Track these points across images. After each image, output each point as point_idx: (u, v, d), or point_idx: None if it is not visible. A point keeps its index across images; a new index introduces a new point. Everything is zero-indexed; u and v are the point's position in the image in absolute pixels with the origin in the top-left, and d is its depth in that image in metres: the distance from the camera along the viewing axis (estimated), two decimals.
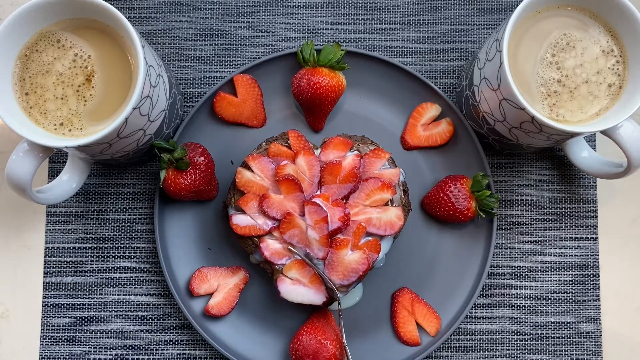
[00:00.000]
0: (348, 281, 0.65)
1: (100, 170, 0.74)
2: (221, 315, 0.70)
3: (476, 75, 0.66)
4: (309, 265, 0.66)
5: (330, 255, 0.65)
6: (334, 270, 0.65)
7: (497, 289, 0.74)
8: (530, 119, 0.59)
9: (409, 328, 0.70)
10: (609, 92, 0.62)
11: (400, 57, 0.76)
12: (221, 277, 0.70)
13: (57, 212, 0.74)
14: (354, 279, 0.65)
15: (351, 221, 0.65)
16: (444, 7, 0.77)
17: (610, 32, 0.63)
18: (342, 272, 0.65)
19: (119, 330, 0.72)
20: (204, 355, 0.72)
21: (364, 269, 0.65)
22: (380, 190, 0.66)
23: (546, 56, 0.62)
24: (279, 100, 0.74)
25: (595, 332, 0.73)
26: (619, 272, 0.74)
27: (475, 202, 0.69)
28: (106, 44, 0.61)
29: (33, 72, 0.61)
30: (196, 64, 0.76)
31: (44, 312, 0.72)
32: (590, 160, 0.69)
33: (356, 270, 0.65)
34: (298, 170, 0.66)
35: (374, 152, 0.68)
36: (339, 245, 0.65)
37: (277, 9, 0.76)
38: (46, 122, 0.60)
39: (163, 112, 0.65)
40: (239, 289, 0.71)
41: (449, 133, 0.72)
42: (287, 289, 0.66)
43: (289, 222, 0.65)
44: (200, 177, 0.66)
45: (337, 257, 0.65)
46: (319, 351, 0.65)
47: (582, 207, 0.75)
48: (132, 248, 0.73)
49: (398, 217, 0.66)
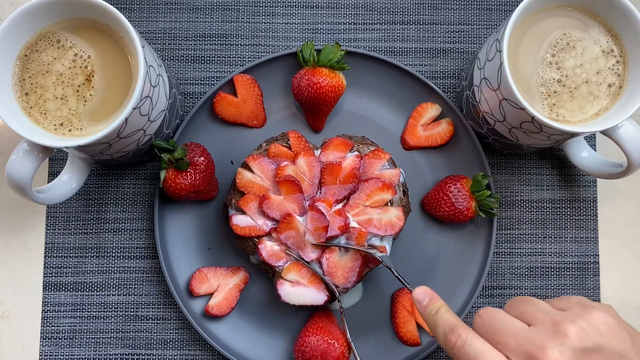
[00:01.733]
0: (350, 281, 0.66)
1: (100, 170, 0.74)
2: (221, 316, 0.70)
3: (476, 75, 0.66)
4: (306, 266, 0.66)
5: (326, 261, 0.65)
6: (334, 275, 0.66)
7: (497, 289, 0.74)
8: (530, 119, 0.59)
9: (409, 328, 0.70)
10: (609, 92, 0.62)
11: (400, 57, 0.76)
12: (221, 277, 0.70)
13: (57, 212, 0.74)
14: (354, 278, 0.65)
15: (351, 227, 0.66)
16: (444, 7, 0.77)
17: (610, 32, 0.63)
18: (341, 274, 0.65)
19: (119, 330, 0.72)
20: (204, 355, 0.72)
21: (359, 264, 0.65)
22: (381, 190, 0.66)
23: (546, 56, 0.62)
24: (279, 100, 0.74)
25: None
26: (619, 272, 0.74)
27: (475, 202, 0.69)
28: (106, 44, 0.61)
29: (33, 72, 0.61)
30: (196, 64, 0.76)
31: (44, 312, 0.72)
32: (590, 160, 0.69)
33: (353, 268, 0.65)
34: (298, 170, 0.67)
35: (373, 153, 0.68)
36: (330, 249, 0.65)
37: (277, 9, 0.76)
38: (46, 122, 0.60)
39: (163, 112, 0.65)
40: (239, 289, 0.71)
41: (449, 133, 0.72)
42: (288, 292, 0.66)
43: (288, 223, 0.66)
44: (200, 177, 0.66)
45: (332, 261, 0.65)
46: (327, 351, 0.65)
47: (582, 207, 0.75)
48: (132, 248, 0.73)
49: (398, 218, 0.66)
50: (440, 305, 0.55)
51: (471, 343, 0.50)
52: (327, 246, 0.66)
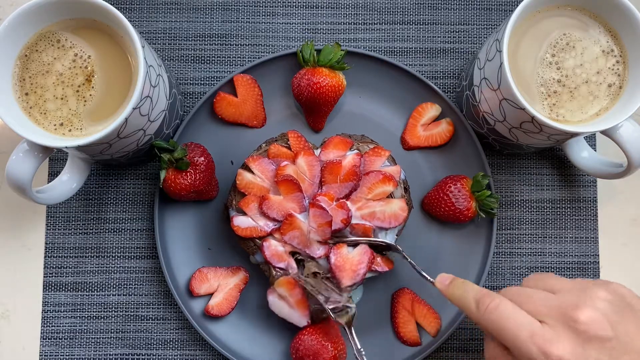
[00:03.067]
0: (356, 278, 0.65)
1: (100, 170, 0.74)
2: (221, 316, 0.70)
3: (476, 75, 0.66)
4: (300, 287, 0.66)
5: (334, 257, 0.65)
6: (343, 272, 0.65)
7: (497, 289, 0.74)
8: (530, 119, 0.59)
9: (409, 328, 0.70)
10: (609, 92, 0.62)
11: (400, 57, 0.76)
12: (221, 277, 0.70)
13: (57, 212, 0.74)
14: (362, 271, 0.65)
15: (355, 224, 0.65)
16: (444, 7, 0.77)
17: (610, 32, 0.63)
18: (349, 269, 0.65)
19: (119, 331, 0.72)
20: (204, 355, 0.72)
21: (367, 259, 0.65)
22: (382, 183, 0.66)
23: (546, 56, 0.62)
24: (279, 100, 0.74)
25: None
26: (619, 272, 0.74)
27: (475, 202, 0.69)
28: (106, 44, 0.61)
29: (33, 72, 0.61)
30: (196, 64, 0.76)
31: (44, 312, 0.72)
32: (590, 160, 0.69)
33: (361, 262, 0.65)
34: (298, 170, 0.67)
35: (373, 151, 0.68)
36: (338, 245, 0.65)
37: (277, 9, 0.76)
38: (46, 122, 0.60)
39: (163, 112, 0.65)
40: (239, 289, 0.71)
41: (449, 133, 0.72)
42: (274, 301, 0.67)
43: (290, 223, 0.66)
44: (200, 177, 0.66)
45: (341, 256, 0.65)
46: (320, 352, 0.65)
47: (582, 207, 0.75)
48: (132, 248, 0.73)
49: (402, 209, 0.66)
50: (466, 280, 0.58)
51: (505, 305, 0.52)
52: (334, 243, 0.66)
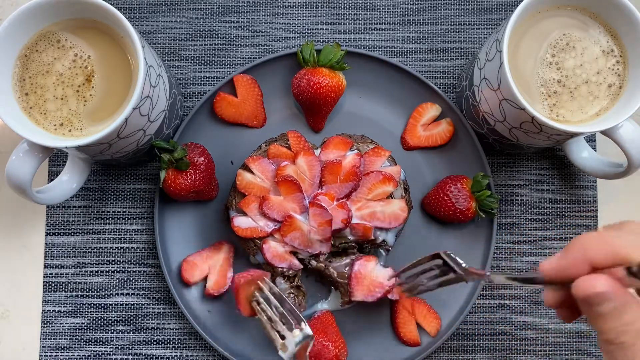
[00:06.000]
0: (372, 297, 0.65)
1: (100, 170, 0.74)
2: (223, 292, 0.69)
3: (476, 76, 0.66)
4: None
5: (358, 267, 0.65)
6: (359, 284, 0.65)
7: (497, 289, 0.74)
8: (531, 119, 0.59)
9: (409, 328, 0.70)
10: (609, 92, 0.62)
11: (400, 57, 0.76)
12: (208, 258, 0.70)
13: (57, 212, 0.74)
14: (378, 295, 0.65)
15: (355, 224, 0.65)
16: (444, 7, 0.77)
17: (610, 32, 0.63)
18: (367, 286, 0.65)
19: (119, 331, 0.72)
20: (204, 355, 0.72)
21: (389, 286, 0.64)
22: (382, 183, 0.66)
23: (546, 56, 0.62)
24: (279, 101, 0.74)
25: (595, 332, 0.73)
26: None
27: (475, 202, 0.69)
28: (106, 44, 0.61)
29: (33, 73, 0.60)
30: (196, 64, 0.76)
31: (44, 312, 0.72)
32: (590, 160, 0.69)
33: (381, 286, 0.65)
34: (298, 170, 0.66)
35: (373, 151, 0.68)
36: (368, 257, 0.65)
37: (277, 9, 0.76)
38: (46, 122, 0.60)
39: (163, 112, 0.65)
40: (229, 262, 0.71)
41: (449, 133, 0.72)
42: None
43: (290, 224, 0.65)
44: (200, 178, 0.66)
45: (364, 269, 0.65)
46: (321, 353, 0.65)
47: (582, 207, 0.75)
48: (132, 248, 0.73)
49: (402, 209, 0.66)
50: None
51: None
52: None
